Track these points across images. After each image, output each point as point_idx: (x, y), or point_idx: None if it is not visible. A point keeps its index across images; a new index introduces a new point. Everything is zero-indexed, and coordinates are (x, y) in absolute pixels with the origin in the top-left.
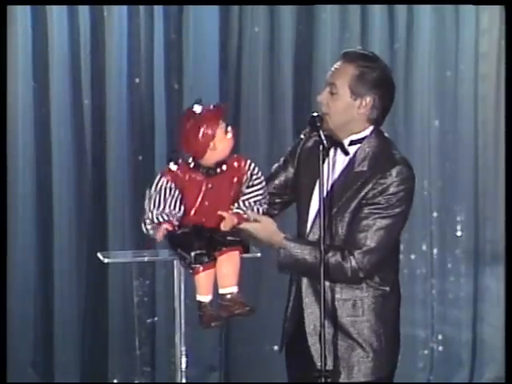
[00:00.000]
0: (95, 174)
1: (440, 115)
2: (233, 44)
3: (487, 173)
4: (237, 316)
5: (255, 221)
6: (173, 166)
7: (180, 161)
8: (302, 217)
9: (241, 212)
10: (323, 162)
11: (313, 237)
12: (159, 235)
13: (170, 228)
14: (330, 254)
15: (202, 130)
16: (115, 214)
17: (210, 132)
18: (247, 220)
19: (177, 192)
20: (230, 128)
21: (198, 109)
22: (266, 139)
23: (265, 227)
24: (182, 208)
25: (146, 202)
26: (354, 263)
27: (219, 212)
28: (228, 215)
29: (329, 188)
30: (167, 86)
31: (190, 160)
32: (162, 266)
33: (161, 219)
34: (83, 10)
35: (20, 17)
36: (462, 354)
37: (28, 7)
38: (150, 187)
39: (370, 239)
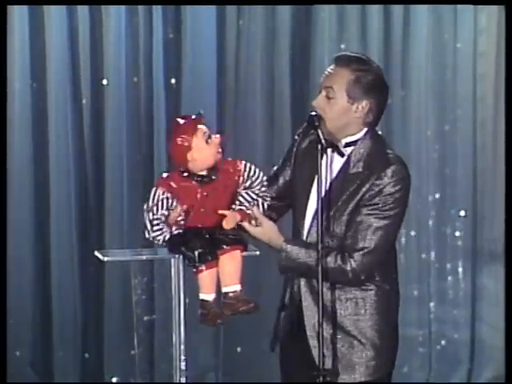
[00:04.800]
0: (93, 173)
1: (438, 115)
2: (231, 44)
3: (486, 172)
4: (241, 313)
5: (256, 225)
6: (165, 175)
7: (174, 171)
8: (299, 218)
9: (243, 208)
10: (321, 161)
11: (311, 238)
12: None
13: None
14: (330, 258)
15: (177, 142)
16: (114, 213)
17: (184, 144)
18: (250, 218)
19: (173, 201)
20: (214, 136)
21: (179, 121)
22: (264, 139)
23: (265, 232)
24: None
25: (145, 214)
26: (354, 265)
27: (220, 211)
28: (230, 213)
29: (327, 188)
30: (165, 85)
31: (182, 169)
32: (161, 264)
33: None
34: (82, 10)
35: (18, 17)
36: (461, 353)
37: (26, 7)
38: (148, 200)
39: (369, 240)
